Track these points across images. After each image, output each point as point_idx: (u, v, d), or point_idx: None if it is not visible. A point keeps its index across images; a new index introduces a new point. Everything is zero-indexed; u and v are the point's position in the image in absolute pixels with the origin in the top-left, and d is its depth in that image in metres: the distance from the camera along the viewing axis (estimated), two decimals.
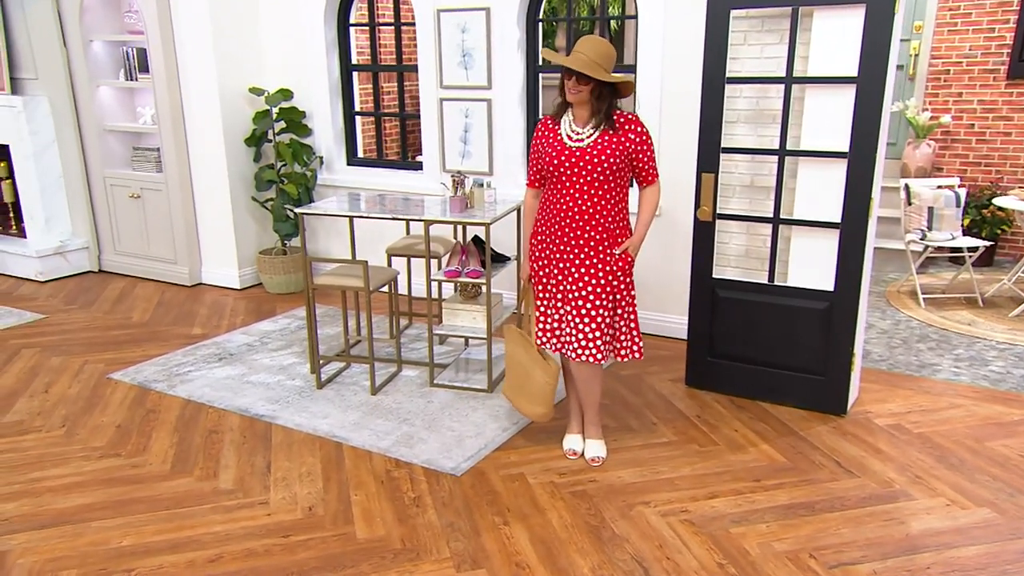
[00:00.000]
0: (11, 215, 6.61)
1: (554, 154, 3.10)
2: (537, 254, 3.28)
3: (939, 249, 5.93)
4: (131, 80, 5.93)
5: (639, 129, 3.08)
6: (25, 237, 6.32)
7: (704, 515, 2.98)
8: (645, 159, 3.13)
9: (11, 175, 6.36)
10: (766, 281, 3.82)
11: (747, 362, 3.91)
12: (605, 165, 3.04)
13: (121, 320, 5.22)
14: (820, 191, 3.64)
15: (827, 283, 3.66)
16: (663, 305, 4.75)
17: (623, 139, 3.06)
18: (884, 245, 6.21)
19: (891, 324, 5.02)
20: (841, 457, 3.39)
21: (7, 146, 6.25)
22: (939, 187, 5.52)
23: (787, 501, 3.07)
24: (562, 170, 3.08)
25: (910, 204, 5.49)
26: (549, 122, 3.19)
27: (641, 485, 3.19)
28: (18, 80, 6.16)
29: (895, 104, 6.55)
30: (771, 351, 3.83)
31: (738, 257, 4.11)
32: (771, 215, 3.76)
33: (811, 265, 3.72)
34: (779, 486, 3.17)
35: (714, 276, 3.90)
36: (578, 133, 3.07)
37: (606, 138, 3.05)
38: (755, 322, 3.84)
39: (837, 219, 3.58)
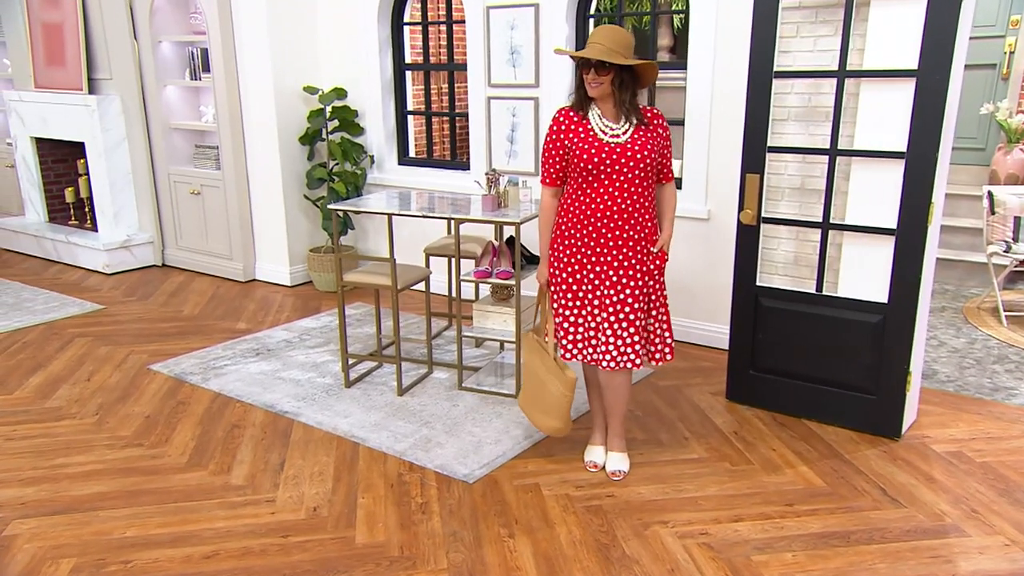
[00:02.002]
0: (86, 210, 6.90)
1: (592, 151, 2.88)
2: (566, 259, 3.03)
3: None
4: (195, 80, 6.08)
5: (664, 124, 2.96)
6: (97, 231, 6.57)
7: (725, 539, 2.76)
8: (668, 155, 2.99)
9: (87, 172, 6.64)
10: (814, 291, 3.55)
11: (792, 377, 3.64)
12: (647, 161, 2.89)
13: (172, 313, 5.33)
14: (875, 194, 3.35)
15: (881, 294, 3.37)
16: (709, 314, 4.50)
17: (653, 134, 2.92)
18: (965, 258, 5.75)
19: (965, 343, 4.61)
20: (888, 484, 3.10)
21: (83, 144, 6.53)
22: None
23: (819, 529, 2.81)
24: (602, 167, 2.88)
25: (993, 213, 5.05)
26: (572, 114, 2.95)
27: (661, 503, 2.99)
28: (95, 80, 6.41)
29: (984, 106, 6.06)
30: (818, 366, 3.56)
31: (786, 264, 3.84)
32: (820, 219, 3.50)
33: (864, 274, 3.44)
34: (813, 512, 2.91)
35: (758, 284, 3.66)
36: (612, 128, 2.88)
37: (640, 133, 2.89)
38: (801, 334, 3.57)
39: (893, 225, 3.29)
